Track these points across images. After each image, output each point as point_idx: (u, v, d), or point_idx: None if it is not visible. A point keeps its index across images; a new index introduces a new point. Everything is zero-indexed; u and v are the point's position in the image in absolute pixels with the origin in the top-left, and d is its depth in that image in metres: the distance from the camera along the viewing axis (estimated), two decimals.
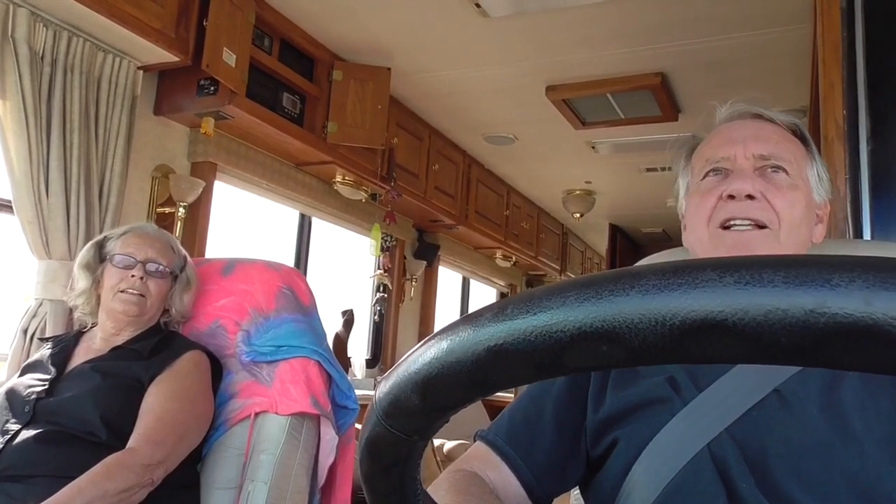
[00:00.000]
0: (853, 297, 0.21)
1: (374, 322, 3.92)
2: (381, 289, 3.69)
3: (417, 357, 0.30)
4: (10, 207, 1.95)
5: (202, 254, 2.57)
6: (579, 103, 3.32)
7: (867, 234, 1.31)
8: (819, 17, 1.47)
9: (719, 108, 0.91)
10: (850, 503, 0.65)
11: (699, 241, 0.84)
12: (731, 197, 0.80)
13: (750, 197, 0.79)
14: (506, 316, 0.27)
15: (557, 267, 5.81)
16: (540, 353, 0.26)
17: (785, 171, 0.81)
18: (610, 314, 0.24)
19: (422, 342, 0.31)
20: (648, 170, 4.23)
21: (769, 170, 0.81)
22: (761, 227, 0.79)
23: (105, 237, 1.52)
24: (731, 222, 0.80)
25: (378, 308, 3.70)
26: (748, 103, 0.89)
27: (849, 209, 1.33)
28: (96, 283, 1.48)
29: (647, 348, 0.24)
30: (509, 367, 0.27)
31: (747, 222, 0.79)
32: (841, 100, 1.36)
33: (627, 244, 6.13)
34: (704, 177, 0.85)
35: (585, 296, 0.25)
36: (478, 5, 2.51)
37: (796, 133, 0.87)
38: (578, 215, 5.05)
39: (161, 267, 1.49)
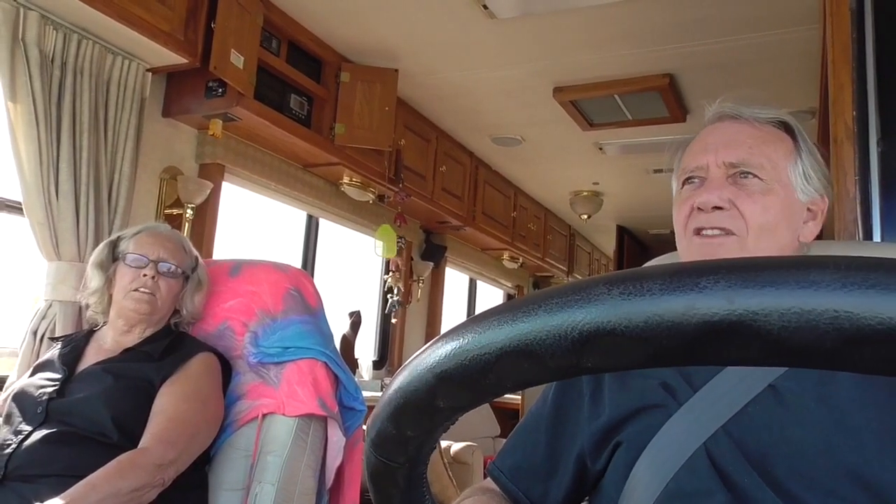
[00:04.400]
0: (717, 297, 0.23)
1: (383, 323, 3.93)
2: (396, 291, 3.69)
3: (389, 386, 0.32)
4: (21, 209, 1.96)
5: (209, 255, 2.57)
6: (587, 104, 3.32)
7: (877, 236, 1.31)
8: (828, 18, 1.47)
9: (708, 107, 0.91)
10: (852, 496, 0.65)
11: (681, 249, 0.87)
12: (702, 208, 0.82)
13: (718, 207, 0.81)
14: (447, 340, 0.29)
15: (564, 268, 5.80)
16: (474, 375, 0.28)
17: (756, 176, 0.81)
18: (524, 333, 0.26)
19: (396, 372, 0.33)
20: (656, 171, 4.21)
21: (739, 176, 0.82)
22: (729, 233, 0.81)
23: (118, 237, 1.54)
24: (703, 232, 0.82)
25: (394, 309, 3.69)
26: (736, 102, 0.88)
27: (858, 211, 1.33)
28: (108, 282, 1.49)
29: (558, 362, 0.26)
30: (453, 390, 0.29)
31: (716, 231, 0.81)
32: (850, 101, 1.35)
33: (635, 246, 6.11)
34: (683, 185, 0.87)
35: (505, 319, 0.27)
36: (485, 7, 2.51)
37: (782, 128, 0.86)
38: (586, 217, 5.04)
39: (173, 267, 1.50)
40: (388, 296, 3.72)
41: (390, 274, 3.70)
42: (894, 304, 0.21)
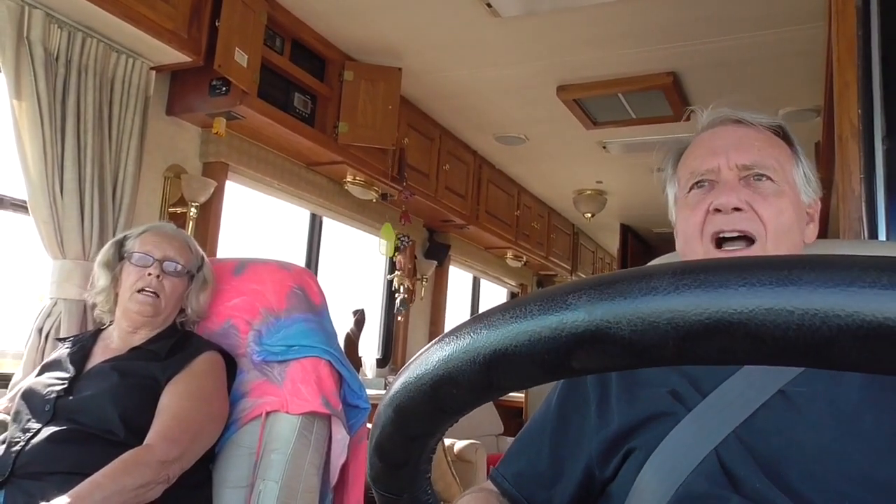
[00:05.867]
0: (580, 311, 0.25)
1: (387, 322, 3.93)
2: (402, 289, 3.69)
3: (373, 421, 0.35)
4: (25, 207, 1.97)
5: (213, 254, 2.58)
6: (590, 103, 3.31)
7: (882, 235, 1.30)
8: (834, 15, 1.46)
9: (701, 113, 0.91)
10: (865, 499, 0.65)
11: (694, 256, 0.85)
12: (719, 210, 0.81)
13: (736, 209, 0.80)
14: (403, 375, 0.31)
15: (568, 267, 5.79)
16: (422, 404, 0.31)
17: (770, 178, 0.81)
18: (446, 362, 0.29)
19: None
20: (660, 170, 4.19)
21: (753, 178, 0.82)
22: (750, 239, 0.80)
23: (125, 236, 1.55)
24: (722, 235, 0.81)
25: (401, 308, 3.69)
26: (731, 107, 0.88)
27: (864, 209, 1.32)
28: (115, 281, 1.50)
29: (475, 385, 0.28)
30: (410, 420, 0.32)
31: (736, 234, 0.80)
32: (856, 99, 1.35)
33: (638, 244, 6.10)
34: (690, 189, 0.86)
35: (435, 351, 0.30)
36: (489, 5, 2.50)
37: (779, 134, 0.87)
38: (589, 215, 5.03)
39: (178, 266, 1.50)
40: (396, 294, 3.72)
41: (396, 273, 3.70)
42: (717, 299, 0.23)
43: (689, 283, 0.24)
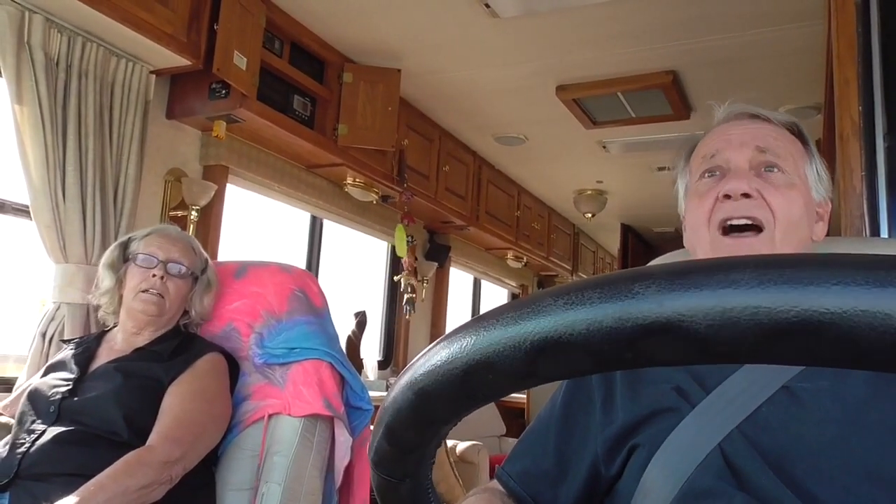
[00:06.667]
0: (648, 302, 0.24)
1: (389, 323, 3.92)
2: (409, 288, 3.69)
3: (383, 404, 0.34)
4: (27, 212, 1.97)
5: (214, 257, 2.58)
6: (590, 103, 3.31)
7: (884, 232, 1.30)
8: (833, 12, 1.46)
9: (717, 108, 0.92)
10: (871, 493, 0.65)
11: (700, 245, 0.85)
12: (728, 196, 0.80)
13: (746, 195, 0.79)
14: (426, 358, 0.31)
15: (569, 267, 5.79)
16: (449, 388, 0.30)
17: (781, 169, 0.82)
18: (485, 346, 0.28)
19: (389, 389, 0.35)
20: (660, 169, 4.20)
21: (764, 169, 0.82)
22: (758, 228, 0.80)
23: (129, 238, 1.56)
24: (730, 222, 0.81)
25: (408, 307, 3.69)
26: (746, 103, 0.89)
27: (865, 206, 1.32)
28: (119, 282, 1.51)
29: (515, 371, 0.28)
30: (432, 404, 0.31)
31: (744, 221, 0.80)
32: (856, 96, 1.35)
33: (639, 244, 6.10)
34: (701, 177, 0.86)
35: (469, 334, 0.29)
36: (487, 6, 2.50)
37: (793, 132, 0.87)
38: (590, 215, 5.03)
39: (182, 268, 1.51)
40: (404, 293, 3.72)
41: (403, 273, 3.70)
42: (807, 297, 0.22)
43: (775, 278, 0.23)
